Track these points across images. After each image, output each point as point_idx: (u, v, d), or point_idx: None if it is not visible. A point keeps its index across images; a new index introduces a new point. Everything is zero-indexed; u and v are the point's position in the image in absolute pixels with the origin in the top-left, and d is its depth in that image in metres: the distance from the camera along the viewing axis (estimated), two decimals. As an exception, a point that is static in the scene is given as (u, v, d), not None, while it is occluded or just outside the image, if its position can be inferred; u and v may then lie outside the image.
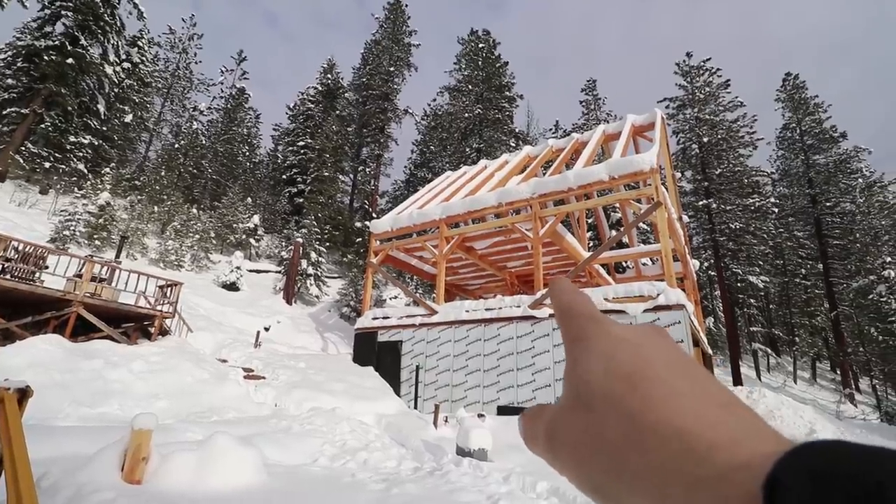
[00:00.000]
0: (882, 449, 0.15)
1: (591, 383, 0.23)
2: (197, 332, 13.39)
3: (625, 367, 0.23)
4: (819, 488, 0.14)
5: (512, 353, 11.86)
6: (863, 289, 28.54)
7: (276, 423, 7.98)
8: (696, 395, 0.20)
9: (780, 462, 0.16)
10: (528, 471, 6.39)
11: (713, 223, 31.31)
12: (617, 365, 0.23)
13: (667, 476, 0.18)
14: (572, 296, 0.29)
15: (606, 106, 39.91)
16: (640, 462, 0.19)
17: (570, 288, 0.30)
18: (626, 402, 0.21)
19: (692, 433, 0.19)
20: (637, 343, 0.24)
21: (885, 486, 0.13)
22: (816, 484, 0.14)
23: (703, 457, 0.18)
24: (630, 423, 0.20)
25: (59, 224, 19.36)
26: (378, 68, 42.59)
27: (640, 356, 0.23)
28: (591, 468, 0.22)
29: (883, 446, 0.15)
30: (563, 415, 0.24)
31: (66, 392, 7.32)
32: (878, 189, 33.88)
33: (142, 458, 4.26)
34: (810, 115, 34.56)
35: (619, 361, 0.23)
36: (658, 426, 0.19)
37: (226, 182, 37.82)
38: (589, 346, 0.25)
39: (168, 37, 40.58)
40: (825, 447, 0.16)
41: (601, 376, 0.23)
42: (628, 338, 0.24)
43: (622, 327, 0.26)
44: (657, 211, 11.41)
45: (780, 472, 0.15)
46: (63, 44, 25.30)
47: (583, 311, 0.27)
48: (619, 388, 0.22)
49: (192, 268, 23.61)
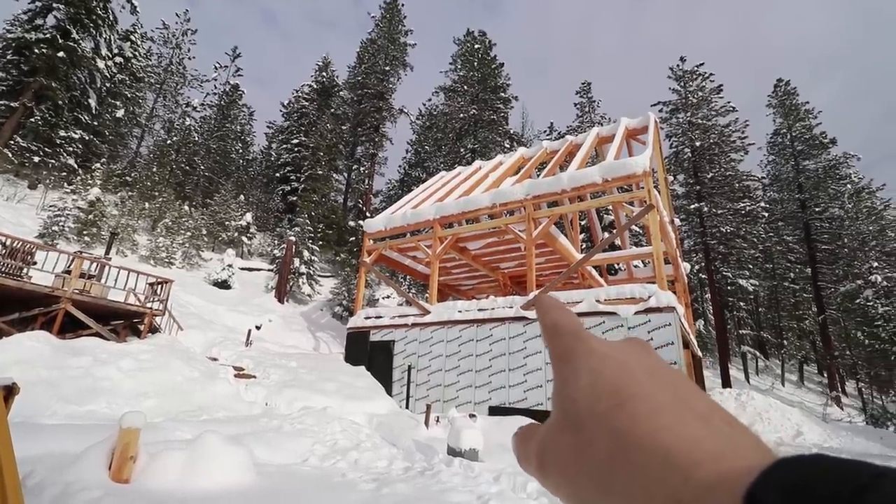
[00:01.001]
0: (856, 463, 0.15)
1: (579, 401, 0.23)
2: (187, 331, 13.28)
3: (610, 384, 0.23)
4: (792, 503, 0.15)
5: (504, 353, 11.90)
6: (850, 293, 28.94)
7: (266, 422, 7.94)
8: (679, 410, 0.21)
9: (757, 479, 0.16)
10: (518, 471, 6.41)
11: (704, 226, 31.59)
12: (603, 381, 0.23)
13: (652, 494, 0.19)
14: (558, 313, 0.29)
15: (601, 109, 40.08)
16: (626, 481, 0.20)
17: (554, 305, 0.30)
18: (613, 420, 0.21)
19: (676, 451, 0.19)
20: (621, 360, 0.24)
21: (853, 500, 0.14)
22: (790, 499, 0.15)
23: (686, 475, 0.18)
24: (617, 441, 0.21)
25: (48, 219, 19.11)
26: (374, 67, 42.50)
27: (626, 372, 0.23)
28: (581, 487, 0.22)
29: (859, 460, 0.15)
30: (552, 435, 0.24)
31: (53, 389, 7.24)
32: (866, 195, 34.36)
33: (130, 457, 4.23)
34: (801, 121, 34.99)
35: (605, 378, 0.23)
36: (643, 444, 0.20)
37: (218, 179, 37.51)
38: (576, 366, 0.25)
39: (161, 32, 40.18)
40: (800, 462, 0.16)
41: (588, 394, 0.23)
42: (612, 354, 0.25)
43: (606, 344, 0.26)
44: (649, 214, 11.50)
45: (756, 489, 0.16)
46: (54, 37, 24.99)
47: (568, 329, 0.27)
48: (606, 406, 0.22)
49: (184, 265, 23.41)
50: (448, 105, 41.05)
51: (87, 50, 26.74)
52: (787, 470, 0.16)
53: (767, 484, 0.16)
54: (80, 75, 27.06)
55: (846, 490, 0.14)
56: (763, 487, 0.16)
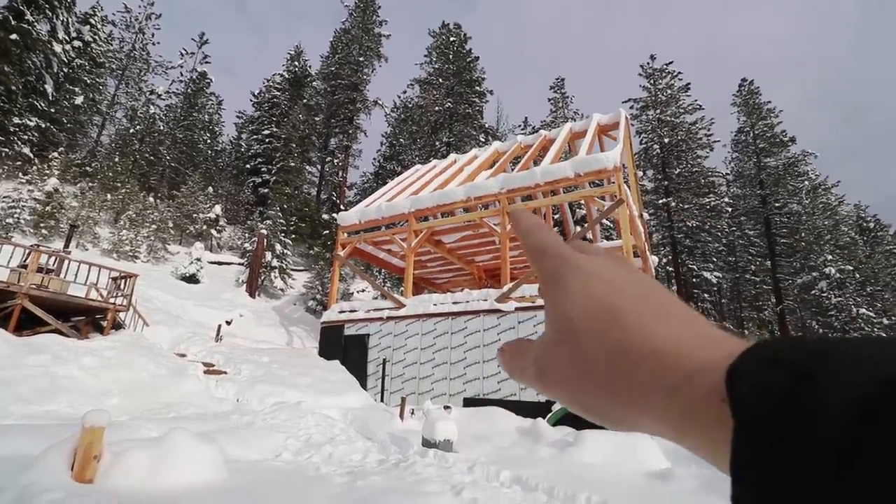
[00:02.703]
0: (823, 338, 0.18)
1: (574, 321, 0.26)
2: (154, 326, 12.89)
3: (602, 303, 0.26)
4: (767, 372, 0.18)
5: (479, 345, 12.02)
6: (806, 285, 30.41)
7: (237, 418, 7.81)
8: (663, 315, 0.24)
9: (739, 357, 0.20)
10: (491, 460, 6.52)
11: (672, 221, 32.57)
12: (594, 301, 0.26)
13: (649, 388, 0.22)
14: (542, 234, 0.31)
15: (574, 104, 40.63)
16: (624, 381, 0.23)
17: (536, 224, 0.32)
18: (606, 334, 0.25)
19: (666, 349, 0.23)
20: (608, 278, 0.27)
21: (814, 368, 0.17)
22: (765, 369, 0.18)
23: (677, 366, 0.22)
24: (613, 351, 0.24)
25: (2, 211, 18.15)
26: (347, 58, 41.76)
27: (614, 289, 0.26)
28: (581, 392, 0.26)
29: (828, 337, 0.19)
30: (548, 350, 0.27)
31: (9, 389, 6.93)
32: (822, 191, 36.01)
33: (93, 457, 4.10)
34: (763, 120, 36.33)
35: (595, 298, 0.26)
36: (637, 349, 0.23)
37: (185, 170, 36.28)
38: (566, 287, 0.27)
39: (123, 15, 38.35)
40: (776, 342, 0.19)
41: (581, 314, 0.26)
42: (599, 273, 0.27)
43: (591, 262, 0.28)
44: (619, 208, 11.77)
45: (737, 365, 0.19)
46: (6, 18, 23.53)
47: (555, 251, 0.29)
48: (600, 323, 0.25)
49: (149, 259, 22.65)
50: (423, 98, 40.81)
51: (42, 33, 25.32)
52: (762, 349, 0.19)
53: (746, 360, 0.19)
54: (36, 59, 25.63)
55: (810, 354, 0.18)
56: (743, 363, 0.19)
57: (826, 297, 28.65)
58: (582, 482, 5.64)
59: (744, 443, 0.18)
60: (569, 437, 7.63)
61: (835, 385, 0.16)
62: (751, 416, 0.18)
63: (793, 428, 0.16)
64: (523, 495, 5.31)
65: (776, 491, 0.16)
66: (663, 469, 6.41)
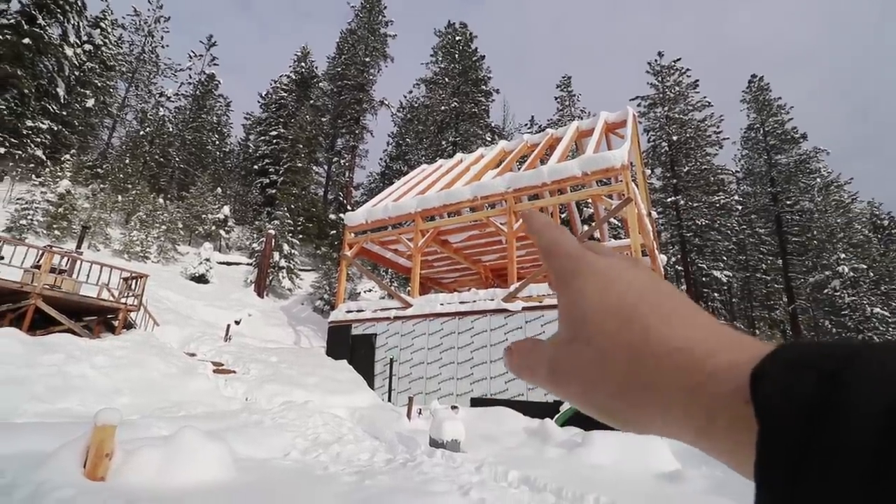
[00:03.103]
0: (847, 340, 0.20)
1: (589, 321, 0.26)
2: (164, 326, 13.02)
3: (618, 304, 0.25)
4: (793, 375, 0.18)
5: (485, 345, 12.00)
6: (819, 283, 29.99)
7: (246, 417, 7.87)
8: (682, 316, 0.24)
9: (763, 359, 0.19)
10: (499, 460, 6.51)
11: (681, 219, 32.27)
12: (610, 302, 0.26)
13: (669, 388, 0.22)
14: (554, 233, 0.31)
15: (581, 102, 40.43)
16: (643, 381, 0.23)
17: (549, 224, 0.31)
18: (625, 335, 0.24)
19: (686, 349, 0.22)
20: (624, 279, 0.27)
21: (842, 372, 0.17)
22: (792, 372, 0.18)
23: (697, 366, 0.22)
24: (631, 350, 0.24)
25: (16, 212, 18.44)
26: (353, 58, 41.88)
27: (631, 290, 0.26)
28: (597, 393, 0.25)
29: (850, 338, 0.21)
30: (562, 349, 0.27)
31: (23, 388, 7.03)
32: (834, 188, 35.45)
33: (105, 455, 4.15)
34: (773, 117, 35.86)
35: (611, 298, 0.26)
36: (657, 348, 0.23)
37: (194, 171, 36.58)
38: (581, 287, 0.27)
39: (133, 19, 38.80)
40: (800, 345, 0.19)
41: (597, 314, 0.26)
42: (614, 275, 0.27)
43: (606, 262, 0.28)
44: (628, 207, 11.69)
45: (762, 367, 0.19)
46: (19, 22, 23.89)
47: (568, 250, 0.29)
48: (616, 324, 0.25)
49: (159, 259, 22.87)
50: (429, 97, 40.80)
51: (54, 37, 25.69)
52: (786, 351, 0.19)
53: (771, 362, 0.19)
54: (48, 63, 26.00)
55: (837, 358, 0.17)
56: (768, 365, 0.19)
57: (839, 296, 28.23)
58: (590, 483, 5.61)
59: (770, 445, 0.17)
60: (577, 438, 7.60)
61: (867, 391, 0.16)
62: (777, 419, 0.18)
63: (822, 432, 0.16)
64: (531, 496, 5.29)
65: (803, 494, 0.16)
66: (673, 470, 6.36)
